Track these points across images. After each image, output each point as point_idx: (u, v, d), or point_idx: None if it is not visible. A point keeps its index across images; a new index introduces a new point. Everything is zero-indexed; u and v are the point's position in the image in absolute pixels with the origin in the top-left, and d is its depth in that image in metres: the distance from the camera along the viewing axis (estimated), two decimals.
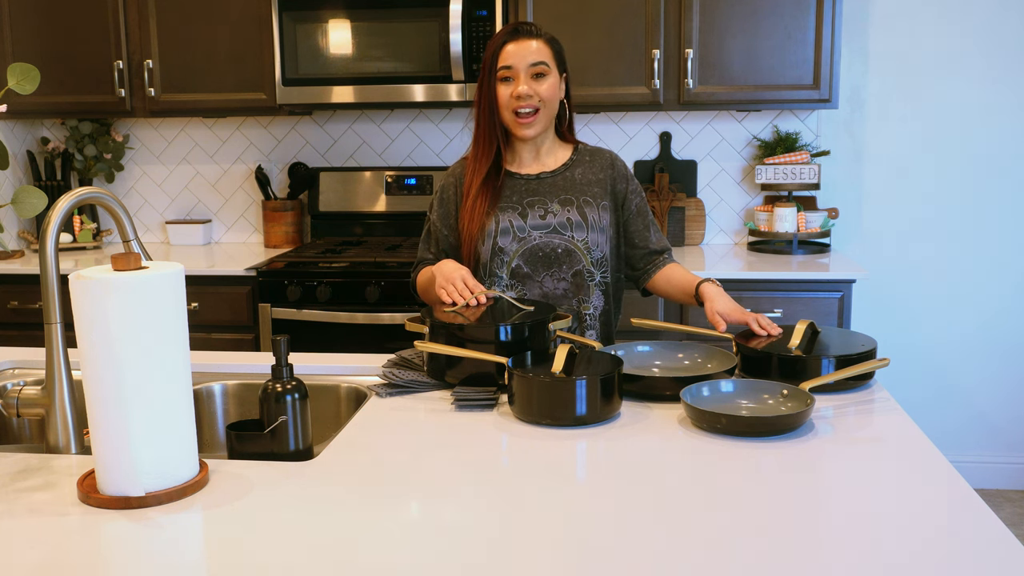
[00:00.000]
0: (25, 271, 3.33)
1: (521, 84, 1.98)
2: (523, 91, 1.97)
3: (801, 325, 1.81)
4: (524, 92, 1.98)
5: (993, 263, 3.62)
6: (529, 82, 1.98)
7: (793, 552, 1.10)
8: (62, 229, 2.47)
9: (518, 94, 1.98)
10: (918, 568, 1.05)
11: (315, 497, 1.28)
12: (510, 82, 1.99)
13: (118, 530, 1.18)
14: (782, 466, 1.37)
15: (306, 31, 3.32)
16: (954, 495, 1.25)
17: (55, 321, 1.49)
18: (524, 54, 1.98)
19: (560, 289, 2.05)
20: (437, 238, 2.13)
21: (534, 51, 1.99)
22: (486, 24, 3.22)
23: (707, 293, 1.96)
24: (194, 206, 3.93)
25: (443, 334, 1.74)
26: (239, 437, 1.49)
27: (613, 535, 1.15)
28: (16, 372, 2.00)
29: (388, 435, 1.54)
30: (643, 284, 2.16)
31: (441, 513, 1.24)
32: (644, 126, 3.68)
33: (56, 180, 3.79)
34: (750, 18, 3.23)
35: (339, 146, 3.82)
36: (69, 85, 3.51)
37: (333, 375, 1.92)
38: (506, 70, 1.99)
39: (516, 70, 1.98)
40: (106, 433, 1.24)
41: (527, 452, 1.46)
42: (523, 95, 1.98)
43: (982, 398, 3.69)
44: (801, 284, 3.09)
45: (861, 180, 3.63)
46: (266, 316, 3.20)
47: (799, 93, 3.25)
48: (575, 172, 2.10)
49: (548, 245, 2.04)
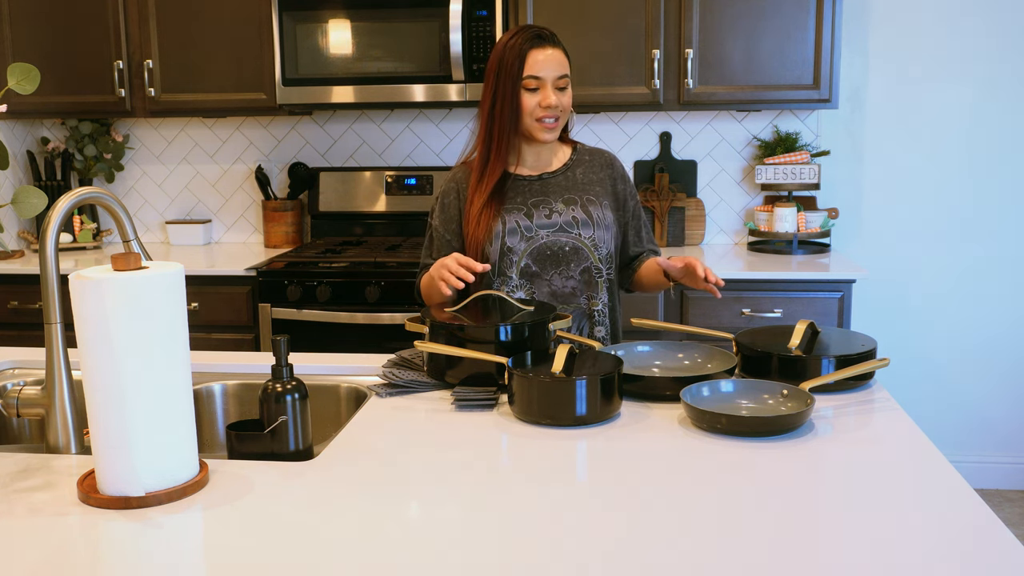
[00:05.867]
0: (25, 271, 3.33)
1: (550, 95, 1.98)
2: (553, 102, 1.98)
3: (801, 325, 1.81)
4: (554, 103, 1.98)
5: (993, 263, 3.62)
6: (556, 93, 1.99)
7: (793, 552, 1.10)
8: (62, 229, 2.47)
9: (548, 104, 1.98)
10: (918, 568, 1.05)
11: (315, 497, 1.28)
12: (536, 92, 1.99)
13: (118, 530, 1.18)
14: (782, 466, 1.37)
15: (306, 31, 3.32)
16: (954, 495, 1.25)
17: (55, 321, 1.49)
18: (552, 65, 1.99)
19: (569, 287, 2.05)
20: (440, 244, 2.12)
21: (560, 63, 2.00)
22: (486, 24, 3.22)
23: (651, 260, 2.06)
24: (194, 206, 3.93)
25: (443, 334, 1.74)
26: (239, 437, 1.49)
27: (613, 535, 1.15)
28: (16, 372, 2.00)
29: (388, 435, 1.54)
30: (626, 284, 2.20)
31: (441, 513, 1.24)
32: (644, 126, 3.68)
33: (56, 180, 3.79)
34: (750, 18, 3.23)
35: (339, 146, 3.82)
36: (69, 85, 3.51)
37: (333, 375, 1.92)
38: (535, 80, 1.98)
39: (544, 80, 1.98)
40: (106, 433, 1.24)
41: (527, 452, 1.46)
42: (552, 106, 1.98)
43: (982, 398, 3.69)
44: (801, 284, 3.09)
45: (861, 180, 3.63)
46: (266, 316, 3.20)
47: (799, 93, 3.25)
48: (576, 172, 2.11)
49: (556, 243, 2.04)
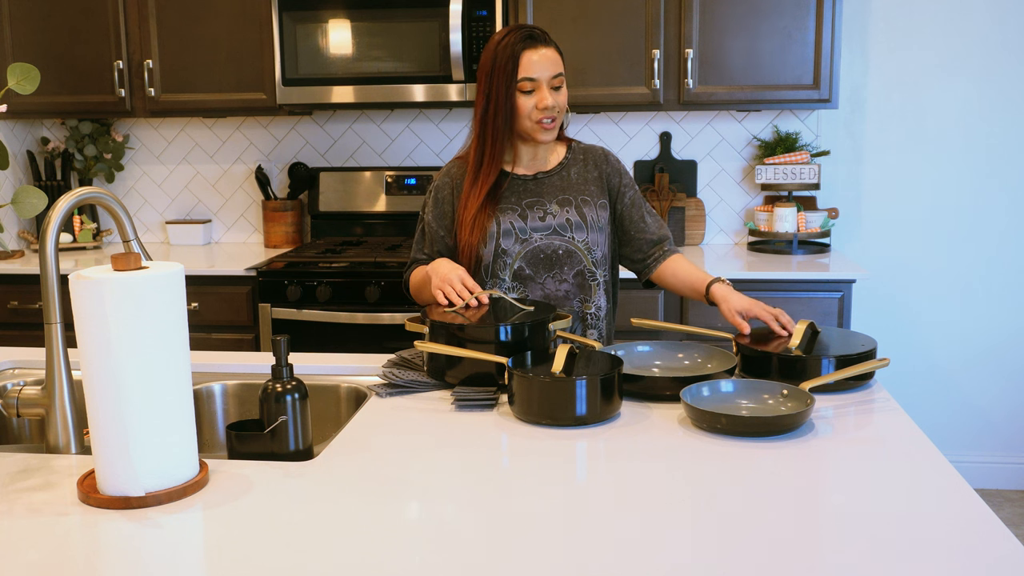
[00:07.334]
0: (25, 271, 3.33)
1: (547, 96, 1.96)
2: (550, 103, 1.96)
3: (801, 325, 1.81)
4: (551, 104, 1.96)
5: (993, 263, 3.62)
6: (552, 93, 1.98)
7: (793, 552, 1.10)
8: (62, 229, 2.47)
9: (545, 106, 1.96)
10: (918, 568, 1.05)
11: (315, 497, 1.28)
12: (532, 93, 1.97)
13: (118, 530, 1.18)
14: (782, 466, 1.37)
15: (306, 31, 3.32)
16: (954, 495, 1.25)
17: (55, 321, 1.49)
18: (546, 65, 1.97)
19: (562, 291, 2.04)
20: (432, 239, 2.10)
21: (554, 62, 1.98)
22: (486, 24, 3.22)
23: (719, 294, 1.93)
24: (194, 206, 3.93)
25: (443, 334, 1.74)
26: (239, 437, 1.49)
27: (613, 535, 1.15)
28: (16, 372, 2.00)
29: (388, 435, 1.54)
30: (646, 276, 2.12)
31: (441, 513, 1.24)
32: (644, 126, 3.68)
33: (56, 180, 3.79)
34: (750, 18, 3.23)
35: (339, 146, 3.82)
36: (69, 85, 3.51)
37: (333, 375, 1.92)
38: (529, 81, 1.96)
39: (539, 82, 1.96)
40: (106, 433, 1.24)
41: (527, 452, 1.46)
42: (549, 107, 1.97)
43: (982, 398, 3.69)
44: (801, 284, 3.09)
45: (861, 180, 3.63)
46: (266, 316, 3.20)
47: (799, 93, 3.25)
48: (571, 172, 2.09)
49: (549, 247, 2.03)
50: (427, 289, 1.93)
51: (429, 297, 1.92)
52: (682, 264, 2.07)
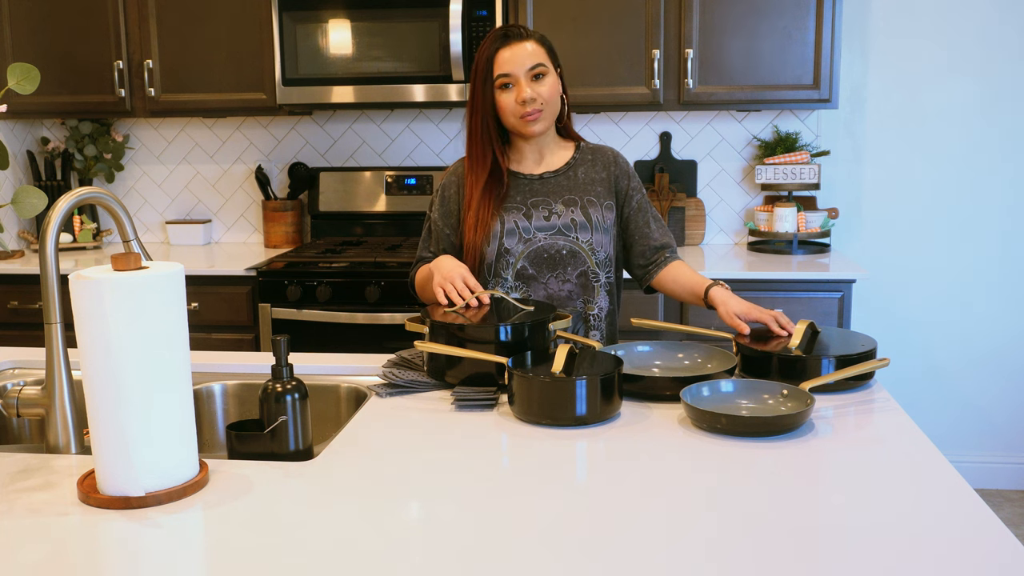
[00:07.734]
0: (25, 271, 3.33)
1: (524, 89, 1.94)
2: (528, 96, 1.94)
3: (801, 325, 1.81)
4: (529, 96, 1.94)
5: (993, 262, 3.62)
6: (531, 85, 1.95)
7: (793, 552, 1.10)
8: (62, 229, 2.47)
9: (523, 99, 1.94)
10: (918, 568, 1.05)
11: (315, 497, 1.28)
12: (510, 89, 1.96)
13: (118, 530, 1.18)
14: (782, 466, 1.37)
15: (306, 31, 3.32)
16: (954, 495, 1.25)
17: (55, 321, 1.49)
18: (521, 58, 1.95)
19: (565, 291, 2.04)
20: (438, 237, 2.11)
21: (530, 53, 1.96)
22: (486, 24, 3.22)
23: (718, 298, 1.93)
24: (194, 206, 3.93)
25: (443, 334, 1.74)
26: (239, 437, 1.49)
27: (613, 535, 1.15)
28: (16, 372, 2.00)
29: (388, 435, 1.54)
30: (647, 282, 2.11)
31: (441, 513, 1.23)
32: (644, 126, 3.68)
33: (56, 180, 3.79)
34: (750, 18, 3.23)
35: (339, 146, 3.82)
36: (69, 85, 3.51)
37: (333, 375, 1.92)
38: (505, 77, 1.95)
39: (515, 76, 1.95)
40: (106, 433, 1.24)
41: (527, 452, 1.46)
42: (528, 100, 1.94)
43: (982, 398, 3.69)
44: (801, 284, 3.09)
45: (861, 180, 3.63)
46: (266, 316, 3.20)
47: (799, 93, 3.25)
48: (578, 172, 2.09)
49: (553, 247, 2.03)
50: (430, 286, 1.93)
51: (432, 294, 1.92)
52: (683, 270, 2.06)
